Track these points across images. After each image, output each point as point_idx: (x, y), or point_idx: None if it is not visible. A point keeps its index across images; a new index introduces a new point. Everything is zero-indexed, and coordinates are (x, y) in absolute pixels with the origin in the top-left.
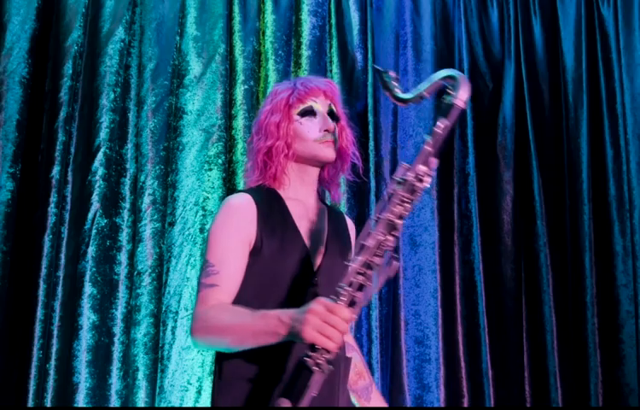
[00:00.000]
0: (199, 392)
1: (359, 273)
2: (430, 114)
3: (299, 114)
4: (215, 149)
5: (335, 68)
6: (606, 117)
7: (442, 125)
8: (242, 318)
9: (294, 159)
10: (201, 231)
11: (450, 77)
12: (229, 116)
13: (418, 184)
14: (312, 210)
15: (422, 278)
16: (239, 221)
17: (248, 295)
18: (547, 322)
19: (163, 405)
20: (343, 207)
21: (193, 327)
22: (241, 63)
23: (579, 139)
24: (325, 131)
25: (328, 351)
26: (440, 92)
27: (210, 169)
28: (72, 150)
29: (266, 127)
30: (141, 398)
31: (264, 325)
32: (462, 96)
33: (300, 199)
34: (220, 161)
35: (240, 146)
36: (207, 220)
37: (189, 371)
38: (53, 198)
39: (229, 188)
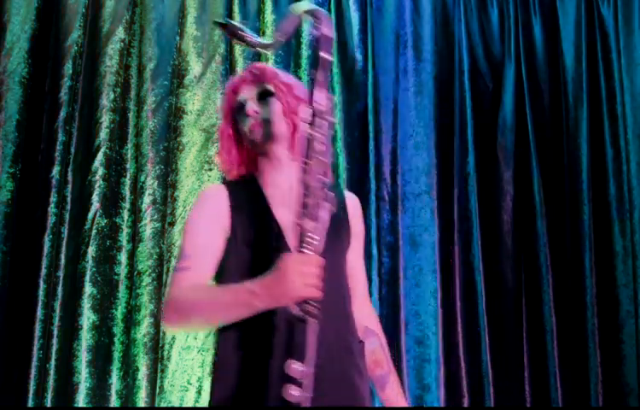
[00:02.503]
0: (199, 392)
1: (312, 219)
2: (430, 115)
3: (235, 116)
4: (215, 149)
5: (335, 68)
6: (606, 117)
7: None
8: (211, 294)
9: (253, 153)
10: None
11: (309, 13)
12: None
13: (326, 117)
14: (295, 198)
15: (422, 278)
16: (210, 209)
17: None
18: (547, 322)
19: (163, 405)
20: None
21: (165, 310)
22: (241, 63)
23: (579, 139)
24: (246, 117)
25: (314, 299)
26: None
27: (210, 169)
28: (72, 150)
29: (221, 136)
30: (141, 398)
31: (232, 298)
32: (325, 29)
33: (279, 184)
34: None
35: None
36: None
37: (189, 371)
38: (53, 198)
39: None
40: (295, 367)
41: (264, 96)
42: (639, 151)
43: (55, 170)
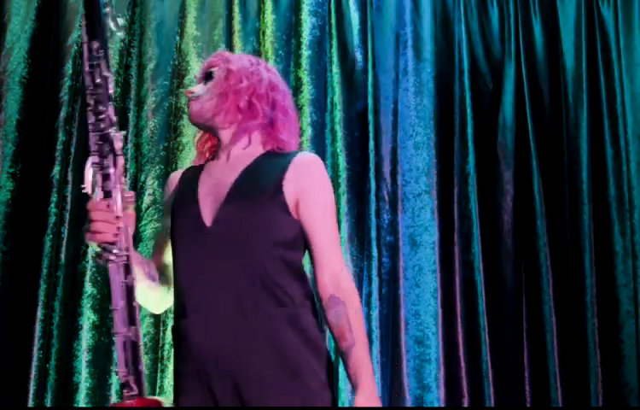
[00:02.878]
0: None
1: (96, 165)
2: (430, 115)
3: None
4: None
5: (335, 68)
6: (606, 117)
7: None
8: None
9: (208, 138)
10: None
11: None
12: None
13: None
14: (226, 168)
15: (422, 278)
16: (165, 194)
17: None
18: (547, 322)
19: None
20: (343, 206)
21: None
22: None
23: (579, 139)
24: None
25: (111, 244)
26: None
27: None
28: (72, 150)
29: None
30: None
31: None
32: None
33: (220, 158)
34: None
35: None
36: None
37: None
38: (53, 198)
39: None
40: (113, 308)
41: (207, 78)
42: (639, 151)
43: (55, 170)
